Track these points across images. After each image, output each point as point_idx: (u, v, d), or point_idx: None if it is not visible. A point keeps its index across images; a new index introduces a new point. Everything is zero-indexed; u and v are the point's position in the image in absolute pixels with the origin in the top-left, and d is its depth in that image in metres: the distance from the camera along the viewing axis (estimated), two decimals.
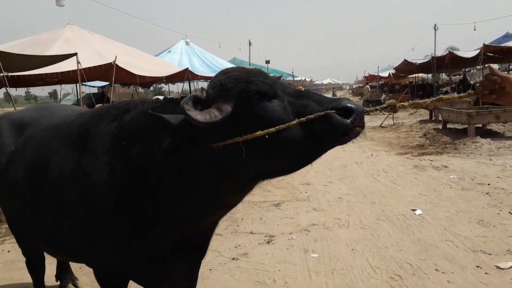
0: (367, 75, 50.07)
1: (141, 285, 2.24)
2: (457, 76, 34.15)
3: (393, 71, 38.60)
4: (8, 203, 2.70)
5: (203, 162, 1.76)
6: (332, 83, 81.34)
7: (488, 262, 4.12)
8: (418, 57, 35.01)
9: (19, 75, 14.07)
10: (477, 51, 20.31)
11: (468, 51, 22.91)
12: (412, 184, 7.41)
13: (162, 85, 38.48)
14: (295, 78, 43.37)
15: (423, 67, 29.65)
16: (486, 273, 3.90)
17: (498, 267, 4.00)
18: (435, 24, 25.41)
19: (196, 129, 1.65)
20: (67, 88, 27.71)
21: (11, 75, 12.34)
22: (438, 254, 4.36)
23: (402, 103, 1.86)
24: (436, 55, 25.40)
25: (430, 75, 36.32)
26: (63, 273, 3.94)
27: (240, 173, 1.76)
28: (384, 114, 16.83)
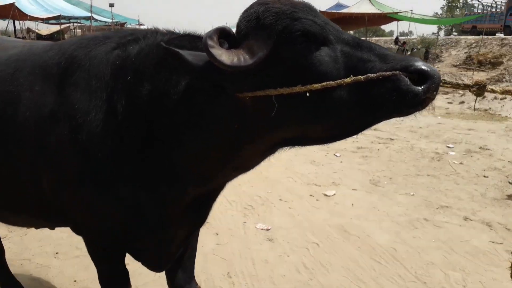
0: None
1: (136, 255, 1.94)
2: None
3: None
4: None
5: (225, 113, 1.45)
6: None
7: (318, 191, 5.07)
8: None
9: None
10: None
11: None
12: None
13: None
14: (142, 27, 41.01)
15: None
16: (317, 200, 4.82)
17: (325, 195, 4.97)
18: None
19: (220, 73, 1.32)
20: None
21: None
22: (281, 188, 5.14)
23: (492, 88, 1.51)
24: None
25: None
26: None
27: (266, 134, 1.45)
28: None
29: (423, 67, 1.27)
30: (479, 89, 1.41)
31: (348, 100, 1.30)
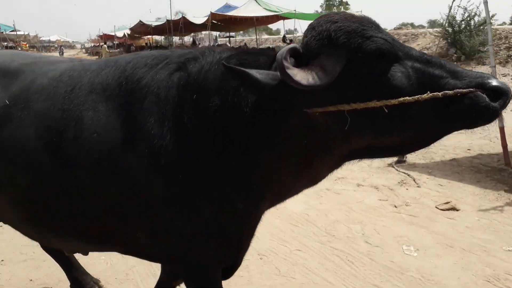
0: (102, 34, 48.21)
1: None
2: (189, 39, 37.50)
3: (129, 32, 38.76)
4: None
5: (294, 128, 1.47)
6: (61, 40, 74.11)
7: None
8: (151, 20, 36.46)
9: None
10: (206, 18, 23.08)
11: (198, 17, 25.68)
12: None
13: None
14: (18, 33, 37.58)
15: (159, 30, 31.18)
16: None
17: None
18: None
19: (291, 91, 1.31)
20: None
21: None
22: None
23: None
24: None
25: (163, 38, 38.36)
26: (80, 275, 2.90)
27: (337, 147, 1.48)
28: None
29: (498, 84, 1.33)
30: None
31: (425, 114, 1.35)
